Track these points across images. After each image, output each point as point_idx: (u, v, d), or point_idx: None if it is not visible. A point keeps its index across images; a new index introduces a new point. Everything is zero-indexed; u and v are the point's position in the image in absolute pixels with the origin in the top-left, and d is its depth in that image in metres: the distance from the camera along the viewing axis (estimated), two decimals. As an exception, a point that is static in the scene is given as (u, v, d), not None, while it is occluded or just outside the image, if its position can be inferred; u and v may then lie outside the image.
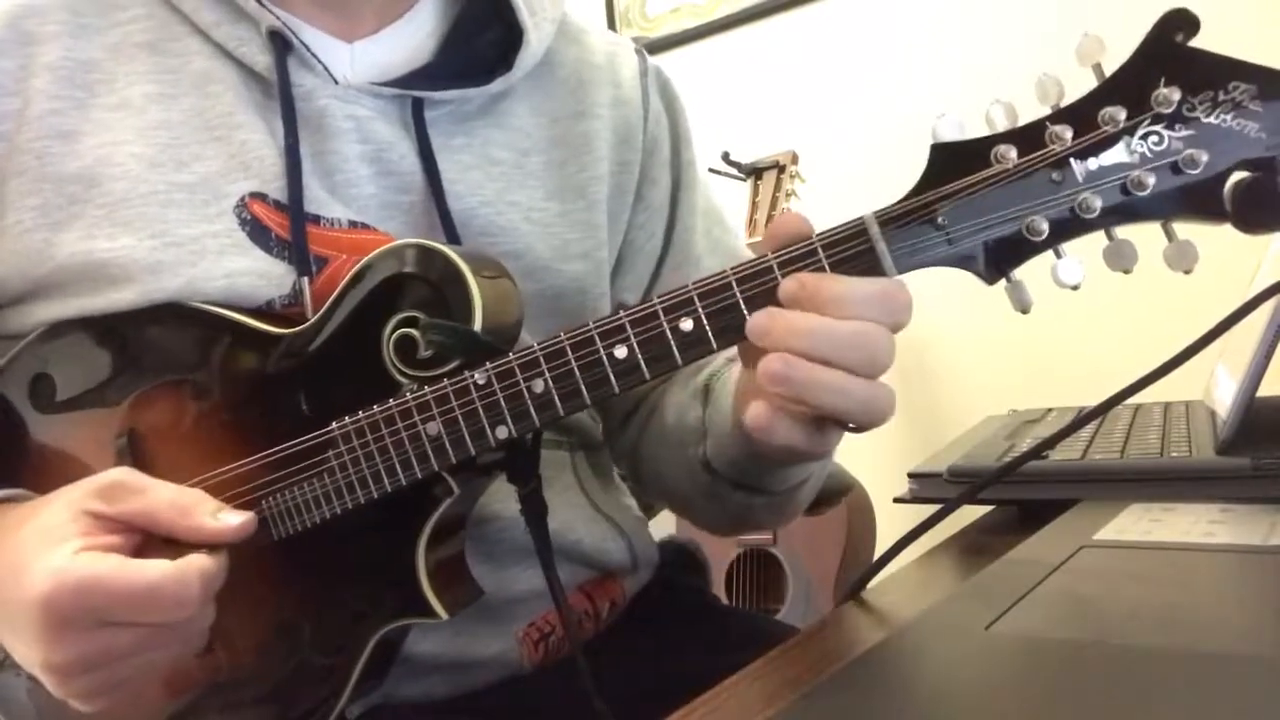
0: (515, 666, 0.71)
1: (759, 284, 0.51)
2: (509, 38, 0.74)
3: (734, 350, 0.58)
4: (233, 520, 0.56)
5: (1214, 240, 0.48)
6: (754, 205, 1.83)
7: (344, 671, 0.61)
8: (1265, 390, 0.61)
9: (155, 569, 0.52)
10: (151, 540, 0.56)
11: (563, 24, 0.79)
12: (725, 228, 0.86)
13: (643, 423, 0.80)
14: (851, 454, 1.70)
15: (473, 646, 0.69)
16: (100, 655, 0.53)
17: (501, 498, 0.67)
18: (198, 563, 0.53)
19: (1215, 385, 0.81)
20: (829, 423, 0.53)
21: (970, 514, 0.70)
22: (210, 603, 0.55)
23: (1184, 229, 0.48)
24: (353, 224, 0.67)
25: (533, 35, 0.74)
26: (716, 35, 2.19)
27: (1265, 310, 0.58)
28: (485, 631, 0.69)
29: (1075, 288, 0.49)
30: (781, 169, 1.84)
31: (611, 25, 2.33)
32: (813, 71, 2.05)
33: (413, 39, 0.74)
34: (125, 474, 0.56)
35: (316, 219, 0.66)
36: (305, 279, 0.64)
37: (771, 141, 1.94)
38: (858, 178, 1.94)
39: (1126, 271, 0.49)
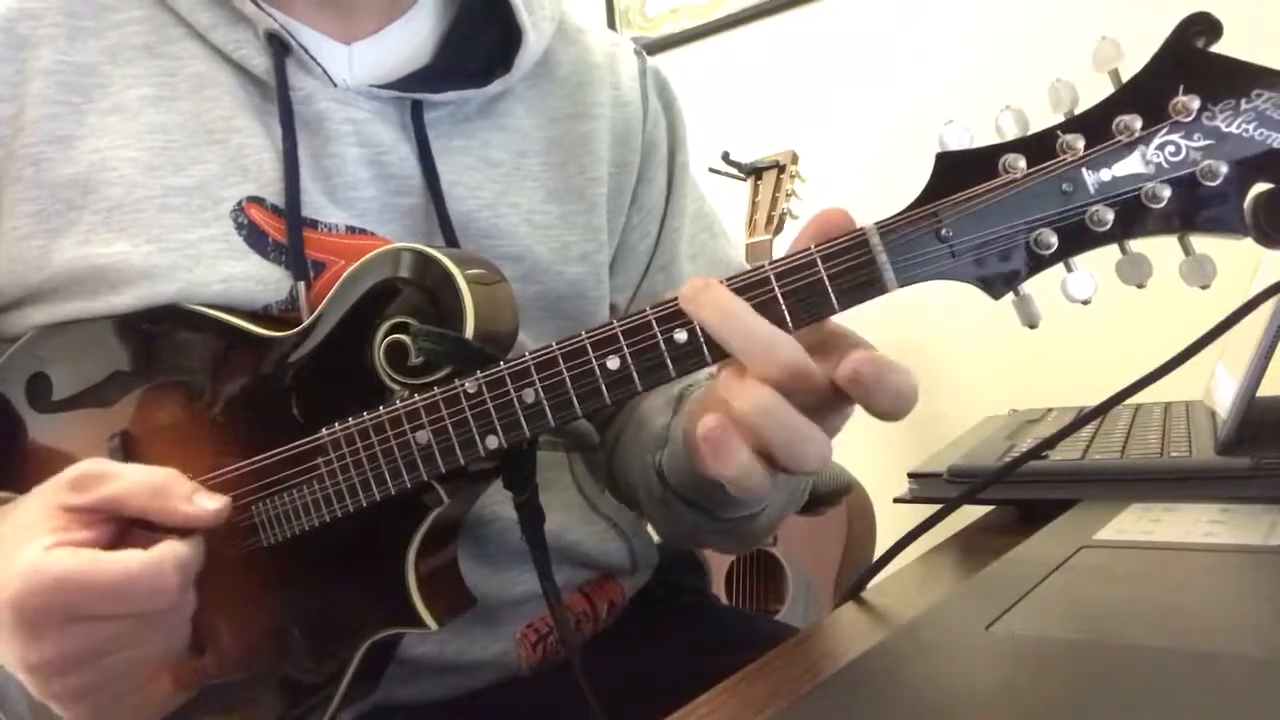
0: (513, 668, 0.71)
1: (755, 296, 0.49)
2: (507, 38, 0.74)
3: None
4: (209, 505, 0.55)
5: (1213, 240, 0.48)
6: (754, 205, 1.83)
7: (334, 679, 0.61)
8: (1265, 390, 0.61)
9: (130, 559, 0.51)
10: (128, 529, 0.55)
11: (561, 24, 0.78)
12: (714, 233, 0.85)
13: (622, 423, 0.80)
14: (851, 454, 1.71)
15: (471, 649, 0.69)
16: (79, 654, 0.52)
17: (501, 499, 0.66)
18: (172, 550, 0.52)
19: (1215, 385, 0.81)
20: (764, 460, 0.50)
21: (970, 514, 0.70)
22: (189, 590, 0.54)
23: (1201, 242, 0.46)
24: (350, 229, 0.67)
25: (531, 35, 0.74)
26: (716, 35, 2.19)
27: (1265, 310, 0.58)
28: (484, 633, 0.69)
29: (1086, 303, 0.47)
30: (781, 169, 1.84)
31: (611, 25, 2.33)
32: (813, 71, 2.05)
33: (411, 40, 0.73)
34: (93, 463, 0.55)
35: (314, 224, 0.66)
36: (302, 284, 0.64)
37: (771, 141, 1.93)
38: (857, 178, 1.95)
39: (1140, 286, 0.47)
